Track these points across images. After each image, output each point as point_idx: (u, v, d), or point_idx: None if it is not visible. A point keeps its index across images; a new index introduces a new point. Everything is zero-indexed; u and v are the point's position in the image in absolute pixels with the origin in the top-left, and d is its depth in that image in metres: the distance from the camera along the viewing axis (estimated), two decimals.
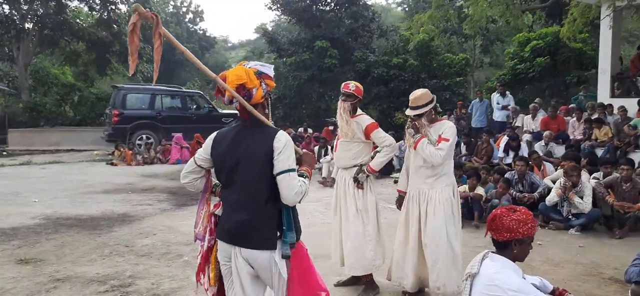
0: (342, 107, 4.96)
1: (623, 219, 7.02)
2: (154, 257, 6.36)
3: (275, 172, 2.80)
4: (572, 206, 7.17)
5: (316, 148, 14.02)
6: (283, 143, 2.83)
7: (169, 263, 6.13)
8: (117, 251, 6.60)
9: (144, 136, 16.93)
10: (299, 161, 3.16)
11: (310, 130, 17.53)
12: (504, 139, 12.26)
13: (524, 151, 11.51)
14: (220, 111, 19.05)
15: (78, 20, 22.24)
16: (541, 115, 13.19)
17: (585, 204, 7.04)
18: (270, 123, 3.03)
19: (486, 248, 6.68)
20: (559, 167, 9.68)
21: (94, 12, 23.21)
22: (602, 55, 13.89)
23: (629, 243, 6.79)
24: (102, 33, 22.09)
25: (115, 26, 22.26)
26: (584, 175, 7.64)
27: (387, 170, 12.36)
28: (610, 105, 12.68)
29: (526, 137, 12.56)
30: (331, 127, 16.93)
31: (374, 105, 19.99)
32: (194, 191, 3.27)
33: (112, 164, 15.00)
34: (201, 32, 48.60)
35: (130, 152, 15.28)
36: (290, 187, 2.78)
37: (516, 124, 13.46)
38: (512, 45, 21.31)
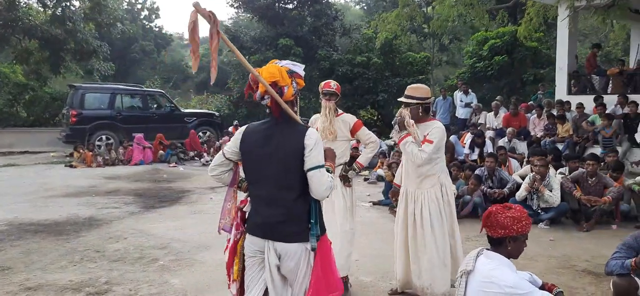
0: (327, 106, 4.95)
1: (589, 213, 7.27)
2: (128, 262, 6.19)
3: (306, 168, 2.89)
4: (541, 200, 7.37)
5: None
6: (314, 141, 2.91)
7: (144, 268, 5.98)
8: (88, 257, 6.39)
9: (103, 137, 16.46)
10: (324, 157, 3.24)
11: None
12: (468, 136, 12.53)
13: (489, 147, 11.80)
14: (182, 110, 18.75)
15: (30, 17, 21.36)
16: (503, 112, 13.53)
17: (554, 197, 7.26)
18: (301, 120, 3.10)
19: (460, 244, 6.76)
20: (523, 163, 9.98)
21: (47, 9, 22.36)
22: (560, 54, 14.36)
23: (596, 235, 7.05)
24: (56, 30, 21.31)
25: (69, 23, 21.50)
26: (551, 169, 7.86)
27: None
28: (568, 102, 13.12)
29: (489, 133, 12.86)
30: None
31: (339, 102, 20.04)
32: (221, 184, 3.30)
33: (71, 166, 14.52)
34: (157, 29, 47.55)
35: (90, 153, 14.82)
36: (321, 182, 2.88)
37: (479, 121, 13.77)
38: (470, 44, 21.76)
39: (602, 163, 8.43)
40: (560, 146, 11.35)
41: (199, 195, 10.42)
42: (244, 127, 3.15)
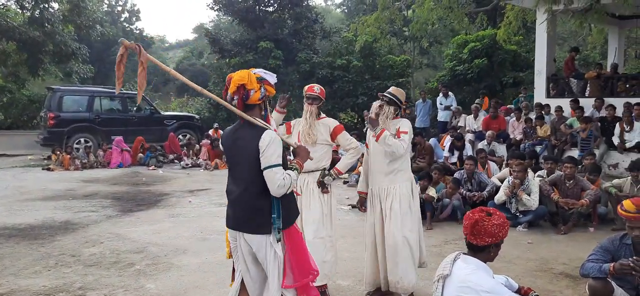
0: (308, 110, 4.93)
1: (567, 216, 7.33)
2: (104, 267, 6.09)
3: (262, 167, 3.19)
4: (519, 203, 7.42)
5: None
6: (266, 142, 3.19)
7: (120, 272, 5.89)
8: (63, 261, 6.28)
9: (82, 139, 16.21)
10: (294, 154, 3.65)
11: None
12: (448, 139, 12.58)
13: (468, 150, 11.87)
14: (162, 113, 18.56)
15: (8, 19, 20.99)
16: (482, 115, 13.63)
17: (532, 201, 7.31)
18: (262, 122, 3.32)
19: (437, 248, 6.86)
20: (503, 166, 10.05)
21: (25, 11, 22.03)
22: (538, 58, 14.51)
23: (573, 238, 7.11)
24: (34, 32, 20.97)
25: (48, 25, 21.19)
26: (529, 173, 7.92)
27: None
28: (547, 105, 13.26)
29: (469, 136, 12.94)
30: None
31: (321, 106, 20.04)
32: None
33: (48, 169, 14.28)
34: (138, 31, 47.13)
35: (68, 156, 14.59)
36: (272, 181, 3.16)
37: (459, 124, 13.84)
38: (450, 47, 21.91)
39: (579, 166, 8.52)
40: (538, 148, 11.45)
41: (177, 199, 10.31)
42: (224, 131, 3.64)
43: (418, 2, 11.39)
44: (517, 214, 7.46)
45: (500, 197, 7.59)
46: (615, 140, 11.07)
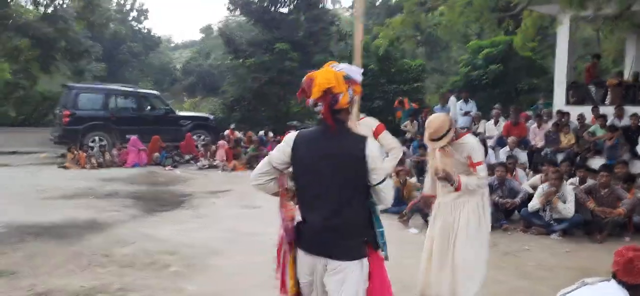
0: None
1: (602, 224, 7.22)
2: (139, 268, 6.00)
3: (374, 182, 2.84)
4: (554, 211, 7.32)
5: None
6: (375, 153, 2.85)
7: (157, 273, 5.81)
8: (96, 261, 6.19)
9: (96, 138, 16.14)
10: None
11: (271, 134, 17.28)
12: None
13: (491, 157, 11.75)
14: (177, 113, 18.49)
15: (22, 15, 21.01)
16: (502, 121, 13.51)
17: (568, 209, 7.21)
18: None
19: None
20: (529, 173, 9.95)
21: (38, 7, 22.05)
22: (559, 65, 14.40)
23: (610, 247, 6.92)
24: (47, 29, 20.97)
25: (61, 22, 21.19)
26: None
27: None
28: (567, 113, 13.15)
29: (489, 143, 12.82)
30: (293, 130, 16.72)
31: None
32: (266, 193, 3.14)
33: (64, 167, 14.20)
34: (146, 31, 47.11)
35: (84, 154, 14.52)
36: (387, 192, 2.90)
37: (478, 130, 13.73)
38: (465, 52, 21.85)
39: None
40: (560, 157, 11.33)
41: (200, 199, 10.22)
42: (292, 134, 3.03)
43: (448, 4, 11.31)
44: (551, 222, 7.35)
45: (534, 204, 7.48)
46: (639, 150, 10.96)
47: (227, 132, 16.73)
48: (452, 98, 16.71)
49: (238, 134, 16.51)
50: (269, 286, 5.45)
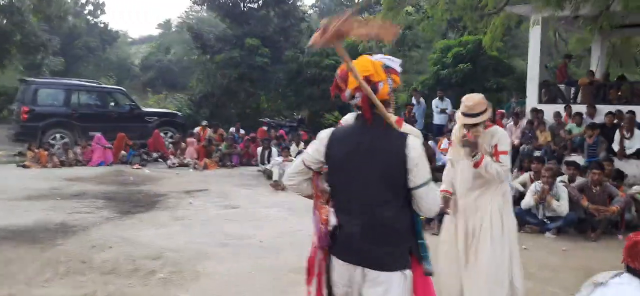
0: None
1: (595, 222, 7.19)
2: (122, 274, 5.58)
3: (412, 185, 2.54)
4: (547, 209, 7.24)
5: (258, 150, 13.41)
6: (418, 151, 2.56)
7: (143, 281, 5.41)
8: (75, 268, 5.73)
9: (57, 135, 15.33)
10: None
11: (242, 131, 16.84)
12: (444, 142, 12.41)
13: None
14: (143, 109, 17.80)
15: None
16: None
17: (562, 207, 7.14)
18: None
19: None
20: (518, 171, 9.92)
21: None
22: (531, 63, 14.50)
23: (605, 245, 6.97)
24: (2, 21, 19.91)
25: (16, 15, 20.15)
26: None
27: None
28: (542, 111, 13.26)
29: None
30: (266, 127, 16.41)
31: (306, 105, 19.73)
32: (300, 195, 2.89)
33: (24, 166, 13.40)
34: (102, 25, 45.65)
35: (46, 152, 13.74)
36: (429, 199, 2.57)
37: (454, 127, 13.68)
38: (435, 51, 21.91)
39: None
40: (537, 153, 11.38)
41: (176, 200, 9.75)
42: (327, 131, 2.74)
43: (431, 2, 11.20)
44: (545, 220, 7.28)
45: (527, 202, 7.39)
46: (616, 147, 11.09)
47: (197, 129, 16.18)
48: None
49: (209, 131, 15.99)
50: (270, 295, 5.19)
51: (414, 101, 15.55)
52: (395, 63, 2.73)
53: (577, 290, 5.35)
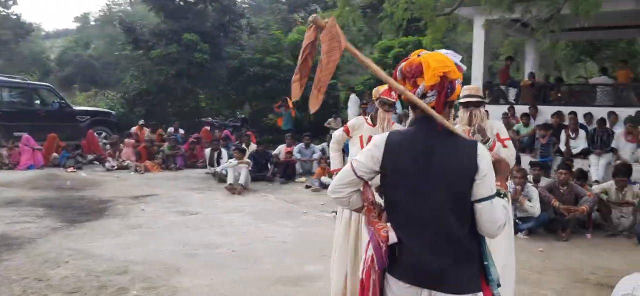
0: (385, 118, 4.27)
1: (565, 222, 7.29)
2: (90, 293, 4.98)
3: (475, 198, 2.24)
4: (519, 210, 7.26)
5: (206, 151, 12.76)
6: (489, 162, 2.27)
7: None
8: (32, 288, 5.08)
9: None
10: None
11: (182, 130, 16.05)
12: None
13: None
14: (74, 108, 16.60)
15: None
16: None
17: (535, 207, 7.18)
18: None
19: None
20: None
21: None
22: (475, 65, 14.80)
23: (577, 245, 7.08)
24: None
25: None
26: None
27: (291, 175, 11.72)
28: (488, 111, 13.52)
29: None
30: (208, 127, 15.72)
31: (250, 103, 19.17)
32: (348, 209, 2.62)
33: None
34: (15, 17, 42.53)
35: None
36: (493, 218, 2.24)
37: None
38: (375, 51, 21.99)
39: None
40: None
41: (125, 206, 9.01)
42: (382, 136, 2.41)
43: (391, 1, 11.08)
44: (517, 221, 7.29)
45: None
46: (562, 147, 11.47)
47: (133, 128, 15.23)
48: (353, 96, 16.80)
49: (147, 131, 15.10)
50: None
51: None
52: (458, 58, 2.42)
53: (567, 292, 5.38)
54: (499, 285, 2.36)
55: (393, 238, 2.34)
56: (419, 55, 2.40)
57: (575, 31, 14.11)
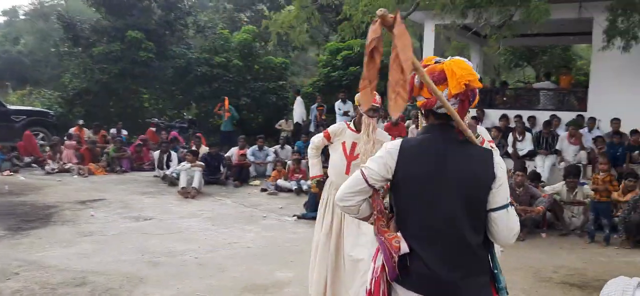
0: (371, 125, 4.18)
1: (521, 222, 7.45)
2: None
3: (491, 206, 2.22)
4: None
5: (155, 154, 12.30)
6: (504, 170, 2.26)
7: None
8: None
9: None
10: None
11: (125, 131, 15.41)
12: None
13: None
14: (8, 107, 15.62)
15: None
16: (381, 122, 13.73)
17: None
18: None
19: None
20: None
21: None
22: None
23: (535, 244, 7.28)
24: None
25: None
26: None
27: (245, 178, 11.47)
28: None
29: None
30: (154, 128, 15.16)
31: (197, 104, 18.66)
32: (356, 217, 2.47)
33: None
34: None
35: None
36: (509, 226, 2.24)
37: None
38: (324, 53, 21.98)
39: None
40: None
41: (72, 212, 8.52)
42: (395, 143, 2.34)
43: (350, 3, 11.02)
44: None
45: None
46: (510, 149, 11.83)
47: (73, 129, 14.46)
48: (299, 99, 16.79)
49: (87, 132, 14.39)
50: None
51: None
52: (473, 66, 2.41)
53: (536, 291, 5.49)
54: (507, 293, 2.34)
55: (405, 248, 2.27)
56: (436, 62, 2.36)
57: (516, 37, 14.68)
